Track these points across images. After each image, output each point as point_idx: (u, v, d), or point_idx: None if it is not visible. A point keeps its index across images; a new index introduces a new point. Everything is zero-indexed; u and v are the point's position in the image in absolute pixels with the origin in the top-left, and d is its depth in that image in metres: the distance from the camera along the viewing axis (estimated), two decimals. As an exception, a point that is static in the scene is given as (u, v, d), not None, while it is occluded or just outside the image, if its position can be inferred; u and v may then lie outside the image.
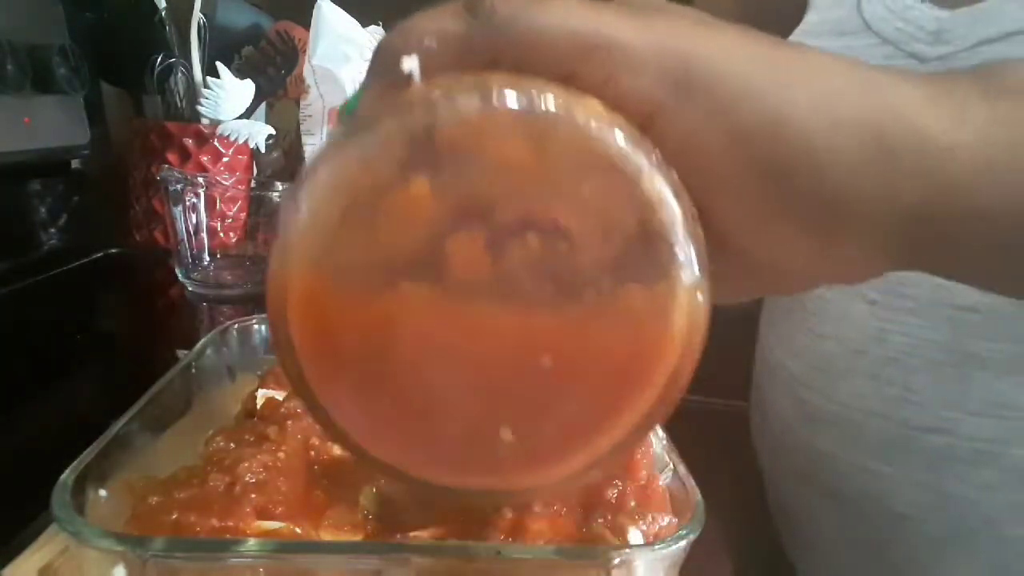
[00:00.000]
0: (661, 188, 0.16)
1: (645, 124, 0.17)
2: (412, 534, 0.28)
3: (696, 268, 0.17)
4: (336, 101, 0.90)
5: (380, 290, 0.17)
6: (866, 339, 0.42)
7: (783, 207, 0.17)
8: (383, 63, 0.19)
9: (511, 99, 0.16)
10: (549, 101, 0.16)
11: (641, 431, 0.18)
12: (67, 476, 0.26)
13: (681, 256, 0.17)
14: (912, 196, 0.17)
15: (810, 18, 0.50)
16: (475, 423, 0.18)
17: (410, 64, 0.17)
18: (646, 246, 0.17)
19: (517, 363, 0.17)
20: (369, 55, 0.98)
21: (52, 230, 0.80)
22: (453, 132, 0.16)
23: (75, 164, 0.86)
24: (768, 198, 0.17)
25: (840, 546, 0.48)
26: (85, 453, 0.28)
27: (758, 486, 0.58)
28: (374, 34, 0.96)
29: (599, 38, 0.17)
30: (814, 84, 0.17)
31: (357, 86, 0.90)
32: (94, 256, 0.84)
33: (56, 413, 0.49)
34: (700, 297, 0.17)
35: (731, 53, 0.17)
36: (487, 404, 0.18)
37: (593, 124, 0.16)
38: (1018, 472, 0.39)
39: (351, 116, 0.19)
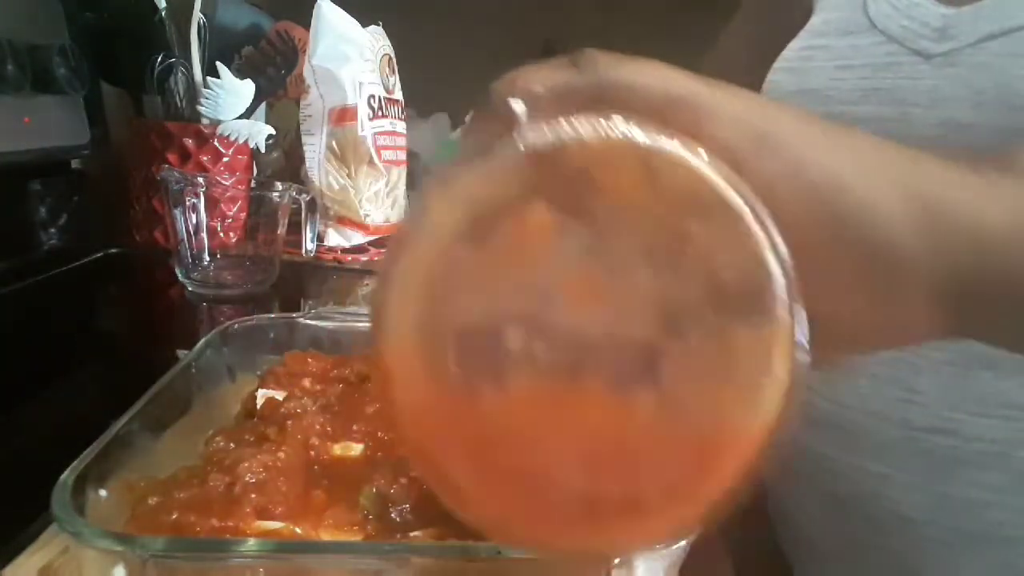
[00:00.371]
0: (772, 227, 0.17)
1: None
2: (412, 534, 0.28)
3: (800, 318, 0.17)
4: (336, 101, 0.90)
5: (491, 345, 0.17)
6: None
7: (840, 256, 0.19)
8: (488, 108, 0.20)
9: (632, 132, 0.16)
10: (669, 136, 0.17)
11: (744, 481, 0.18)
12: (67, 476, 0.26)
13: (787, 297, 0.17)
14: (953, 257, 0.19)
15: (815, 20, 0.50)
16: (579, 479, 0.18)
17: (517, 106, 0.18)
18: (755, 285, 0.17)
19: (620, 417, 0.17)
20: (369, 55, 0.98)
21: (52, 230, 0.80)
22: (574, 157, 0.16)
23: (75, 164, 0.86)
24: (828, 247, 0.19)
25: (842, 549, 0.48)
26: (85, 453, 0.28)
27: (758, 488, 0.58)
28: (374, 34, 0.96)
29: (689, 95, 0.19)
30: (863, 154, 0.20)
31: (363, 87, 0.90)
32: (94, 256, 0.84)
33: (56, 413, 0.49)
34: (799, 355, 0.17)
35: (795, 122, 0.19)
36: (591, 460, 0.18)
37: (709, 162, 0.17)
38: None
39: (451, 151, 0.19)
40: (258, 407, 0.37)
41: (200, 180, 0.76)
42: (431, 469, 0.19)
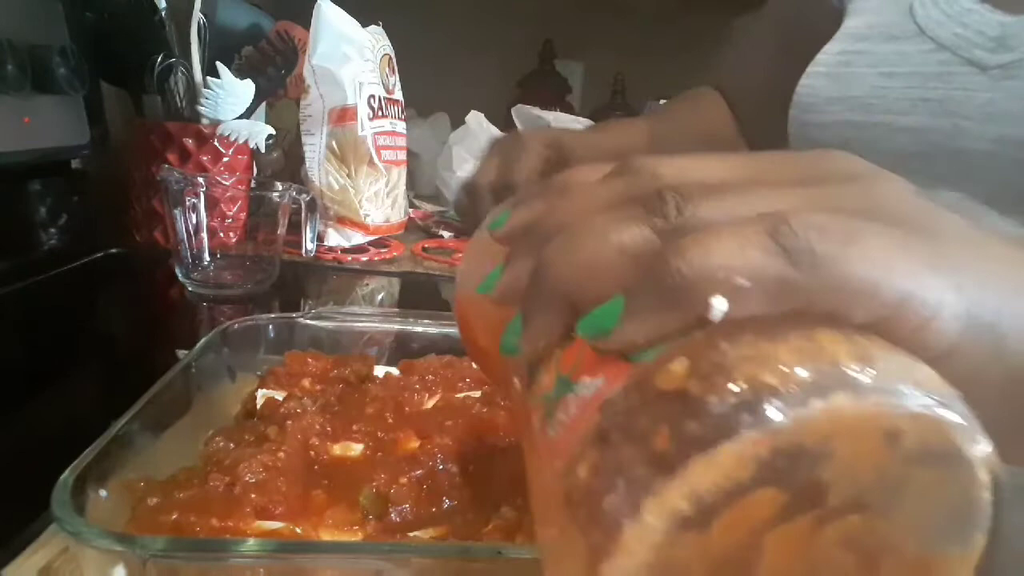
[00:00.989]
0: (986, 451, 0.16)
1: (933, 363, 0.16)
2: (412, 534, 0.28)
3: (992, 529, 0.17)
4: (336, 101, 0.90)
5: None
6: None
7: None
8: (676, 293, 0.16)
9: (870, 395, 0.15)
10: (905, 392, 0.15)
11: None
12: (67, 476, 0.26)
13: (986, 523, 0.16)
14: None
15: (852, 23, 0.48)
16: None
17: (721, 307, 0.15)
18: (964, 519, 0.16)
19: None
20: (369, 55, 0.98)
21: (52, 230, 0.80)
22: (816, 426, 0.14)
23: (75, 164, 0.86)
24: (1014, 412, 0.18)
25: None
26: (85, 453, 0.28)
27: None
28: (374, 34, 0.96)
29: (914, 294, 0.16)
30: None
31: (363, 87, 0.90)
32: (94, 256, 0.84)
33: (56, 413, 0.49)
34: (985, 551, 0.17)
35: (1010, 289, 0.17)
36: None
37: (945, 415, 0.15)
38: None
39: (607, 336, 0.17)
40: (258, 407, 0.37)
41: (200, 180, 0.76)
42: None
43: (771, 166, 0.18)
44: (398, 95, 1.02)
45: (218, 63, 0.81)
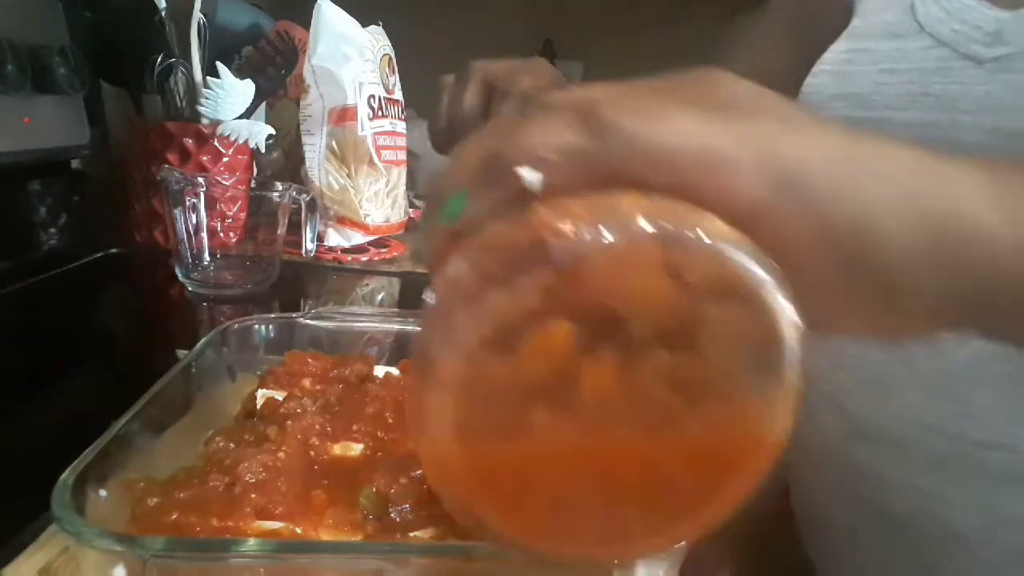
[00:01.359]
0: (782, 300, 0.18)
1: (747, 223, 0.19)
2: (412, 534, 0.28)
3: (802, 372, 0.19)
4: (336, 101, 0.90)
5: (521, 418, 0.19)
6: (923, 351, 0.41)
7: (855, 287, 0.19)
8: (495, 171, 0.19)
9: (651, 228, 0.17)
10: (687, 230, 0.17)
11: (743, 501, 0.21)
12: (67, 476, 0.26)
13: (795, 359, 0.18)
14: (972, 280, 0.19)
15: (857, 22, 0.49)
16: (604, 510, 0.21)
17: (531, 177, 0.18)
18: (766, 355, 0.18)
19: (641, 465, 0.20)
20: (369, 55, 0.98)
21: (52, 230, 0.80)
22: (598, 264, 0.17)
23: (75, 164, 0.86)
24: (843, 280, 0.19)
25: (884, 566, 0.47)
26: (85, 453, 0.28)
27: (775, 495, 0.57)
28: (374, 34, 0.96)
29: (705, 150, 0.18)
30: (891, 182, 0.19)
31: (363, 87, 0.90)
32: (94, 256, 0.84)
33: (56, 413, 0.49)
34: (802, 391, 0.19)
35: (818, 153, 0.19)
36: (615, 496, 0.20)
37: (727, 249, 0.18)
38: None
39: (451, 219, 0.19)
40: (258, 407, 0.37)
41: (200, 180, 0.76)
42: (471, 521, 0.21)
43: (638, 84, 0.21)
44: (398, 95, 1.02)
45: (218, 63, 0.81)
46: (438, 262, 0.20)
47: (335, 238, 0.93)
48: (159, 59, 0.80)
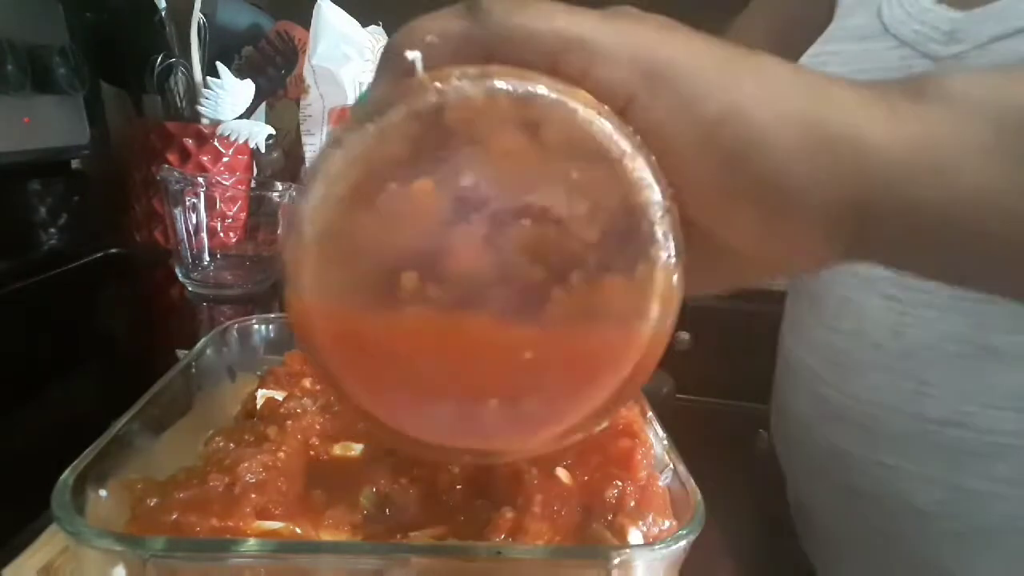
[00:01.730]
0: (643, 170, 0.18)
1: (621, 112, 0.19)
2: (412, 534, 0.28)
3: (673, 250, 0.18)
4: (336, 101, 0.90)
5: (385, 282, 0.18)
6: (883, 333, 0.43)
7: (737, 188, 0.19)
8: (388, 59, 0.20)
9: (511, 85, 0.18)
10: (544, 88, 0.18)
11: (616, 402, 0.20)
12: (67, 476, 0.26)
13: (659, 236, 0.18)
14: (850, 186, 0.19)
15: (832, 27, 0.51)
16: (470, 398, 0.20)
17: (413, 56, 0.19)
18: (628, 227, 0.18)
19: (505, 347, 0.19)
20: (369, 55, 0.98)
21: (52, 230, 0.80)
22: (458, 114, 0.18)
23: (75, 164, 0.86)
24: (724, 180, 0.19)
25: (858, 542, 0.48)
26: (85, 453, 0.28)
27: (774, 486, 0.58)
28: (374, 34, 0.96)
29: (578, 36, 0.19)
30: (764, 82, 0.19)
31: (363, 86, 0.90)
32: (94, 256, 0.84)
33: (56, 413, 0.49)
34: (675, 280, 0.19)
35: (693, 53, 0.19)
36: (480, 382, 0.20)
37: (583, 110, 0.18)
38: None
39: (360, 105, 0.20)
40: (258, 407, 0.37)
41: (200, 180, 0.76)
42: (330, 385, 0.21)
43: None
44: (398, 95, 1.02)
45: (218, 63, 0.81)
46: None
47: (335, 238, 0.93)
48: (159, 59, 0.80)
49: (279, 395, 0.37)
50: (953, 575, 0.43)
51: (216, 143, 0.83)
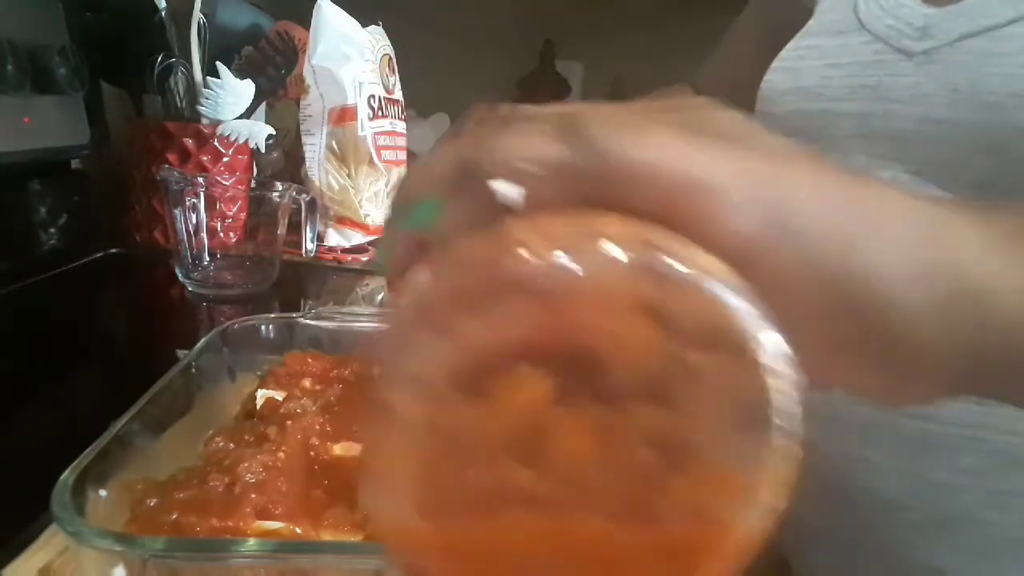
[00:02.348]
0: (778, 353, 0.16)
1: (733, 261, 0.17)
2: (412, 534, 0.28)
3: (796, 434, 0.16)
4: (336, 101, 0.90)
5: (489, 479, 0.16)
6: None
7: (858, 346, 0.18)
8: (470, 181, 0.17)
9: (634, 260, 0.15)
10: (670, 263, 0.15)
11: None
12: (67, 476, 0.26)
13: (787, 427, 0.16)
14: (972, 338, 0.18)
15: (811, 21, 0.52)
16: None
17: (508, 191, 0.16)
18: (759, 419, 0.16)
19: (609, 543, 0.17)
20: (369, 55, 0.98)
21: (52, 230, 0.80)
22: (577, 294, 0.15)
23: (75, 164, 0.86)
24: (845, 336, 0.18)
25: (828, 532, 0.49)
26: (85, 453, 0.28)
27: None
28: (374, 34, 0.96)
29: (696, 179, 0.16)
30: (892, 232, 0.18)
31: (362, 87, 0.90)
32: (94, 256, 0.85)
33: (56, 413, 0.49)
34: (791, 465, 0.17)
35: (814, 192, 0.17)
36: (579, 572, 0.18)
37: (718, 289, 0.15)
38: (999, 458, 0.40)
39: (417, 226, 0.18)
40: (258, 407, 0.37)
41: (200, 180, 0.76)
42: None
43: (633, 106, 0.20)
44: (398, 95, 1.02)
45: (218, 63, 0.81)
46: (398, 275, 0.18)
47: (335, 238, 0.93)
48: (159, 59, 0.80)
49: (279, 395, 0.37)
50: (918, 565, 0.44)
51: (216, 143, 0.83)
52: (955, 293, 0.18)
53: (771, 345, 0.16)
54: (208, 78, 0.81)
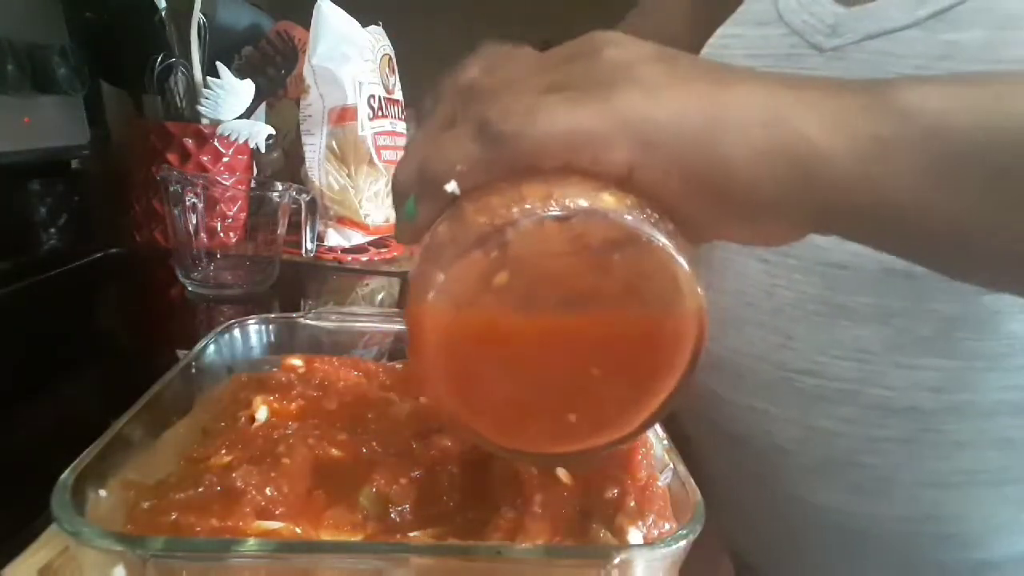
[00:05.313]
0: (659, 237, 0.23)
1: (626, 178, 0.24)
2: (412, 534, 0.28)
3: (696, 286, 0.24)
4: (336, 101, 0.90)
5: (492, 326, 0.24)
6: (757, 293, 0.48)
7: (729, 215, 0.25)
8: (431, 187, 0.25)
9: (554, 211, 0.23)
10: (578, 207, 0.23)
11: (676, 398, 0.26)
12: (67, 476, 0.26)
13: (695, 285, 0.24)
14: (817, 197, 0.24)
15: (740, 9, 0.55)
16: (553, 411, 0.26)
17: (451, 187, 0.24)
18: (670, 285, 0.24)
19: (577, 365, 0.25)
20: (369, 55, 0.98)
21: (52, 230, 0.80)
22: (519, 246, 0.23)
23: (75, 164, 0.86)
24: (716, 211, 0.25)
25: (734, 480, 0.54)
26: (85, 453, 0.28)
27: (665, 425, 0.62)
28: (374, 34, 0.96)
29: (579, 135, 0.23)
30: (740, 123, 0.24)
31: (362, 86, 0.90)
32: (94, 256, 0.85)
33: (56, 413, 0.49)
34: (699, 290, 0.24)
35: (675, 113, 0.23)
36: (559, 397, 0.26)
37: (611, 214, 0.23)
38: (872, 409, 0.44)
39: (410, 218, 0.26)
40: (258, 407, 0.37)
41: (200, 180, 0.76)
42: (455, 423, 0.27)
43: (549, 55, 0.27)
44: (398, 95, 1.02)
45: (218, 63, 0.81)
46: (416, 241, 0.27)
47: (335, 238, 0.93)
48: (159, 59, 0.80)
49: (278, 395, 0.37)
50: (808, 502, 0.49)
51: (216, 143, 0.83)
52: (801, 165, 0.24)
53: (658, 235, 0.23)
54: (208, 78, 0.81)
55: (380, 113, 0.95)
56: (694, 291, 0.24)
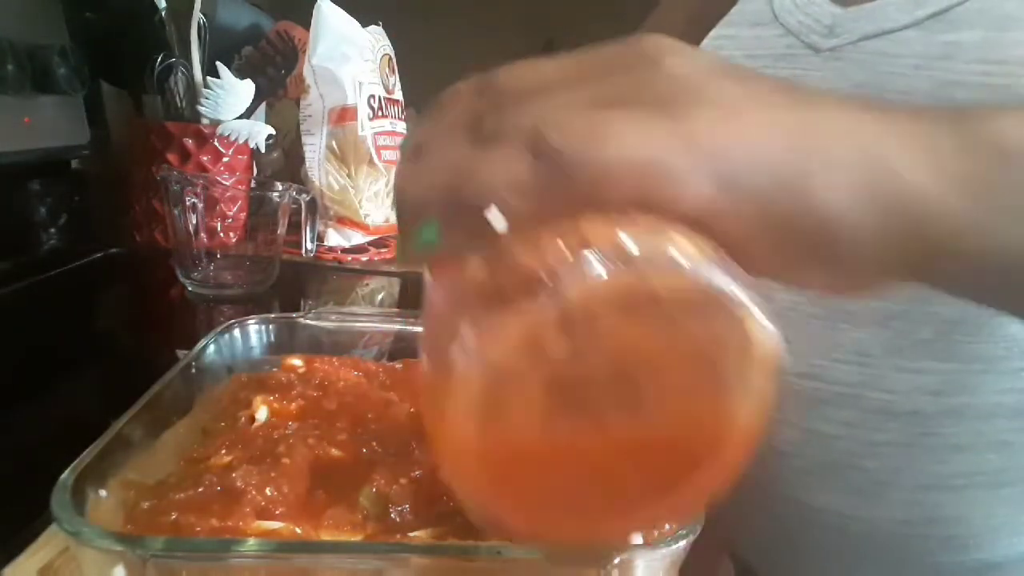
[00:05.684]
0: (746, 300, 0.20)
1: (699, 222, 0.20)
2: (412, 534, 0.28)
3: (770, 372, 0.21)
4: (336, 101, 0.90)
5: (528, 426, 0.20)
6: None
7: (810, 261, 0.21)
8: (467, 214, 0.19)
9: (613, 269, 0.18)
10: (653, 253, 0.19)
11: (717, 485, 0.24)
12: (67, 476, 0.26)
13: (777, 357, 0.21)
14: (925, 247, 0.21)
15: (733, 10, 0.54)
16: (589, 502, 0.22)
17: (498, 222, 0.19)
18: (746, 353, 0.20)
19: (618, 460, 0.22)
20: (369, 55, 0.98)
21: (52, 230, 0.80)
22: (581, 302, 0.18)
23: (75, 164, 0.86)
24: (794, 257, 0.21)
25: (736, 486, 0.54)
26: (85, 453, 0.28)
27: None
28: (374, 34, 0.96)
29: (654, 167, 0.19)
30: (831, 160, 0.20)
31: (362, 87, 0.90)
32: (94, 256, 0.85)
33: (56, 413, 0.49)
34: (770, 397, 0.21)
35: (760, 144, 0.20)
36: (597, 488, 0.22)
37: (688, 265, 0.19)
38: (873, 412, 0.44)
39: (427, 249, 0.21)
40: (258, 407, 0.37)
41: (200, 180, 0.76)
42: (482, 512, 0.22)
43: (588, 61, 0.22)
44: (398, 95, 1.02)
45: (218, 63, 0.81)
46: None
47: (335, 238, 0.93)
48: (159, 59, 0.80)
49: (278, 395, 0.37)
50: (806, 504, 0.48)
51: (216, 143, 0.83)
52: (890, 209, 0.20)
53: (735, 291, 0.19)
54: (208, 78, 0.81)
55: (380, 113, 0.95)
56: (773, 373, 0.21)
